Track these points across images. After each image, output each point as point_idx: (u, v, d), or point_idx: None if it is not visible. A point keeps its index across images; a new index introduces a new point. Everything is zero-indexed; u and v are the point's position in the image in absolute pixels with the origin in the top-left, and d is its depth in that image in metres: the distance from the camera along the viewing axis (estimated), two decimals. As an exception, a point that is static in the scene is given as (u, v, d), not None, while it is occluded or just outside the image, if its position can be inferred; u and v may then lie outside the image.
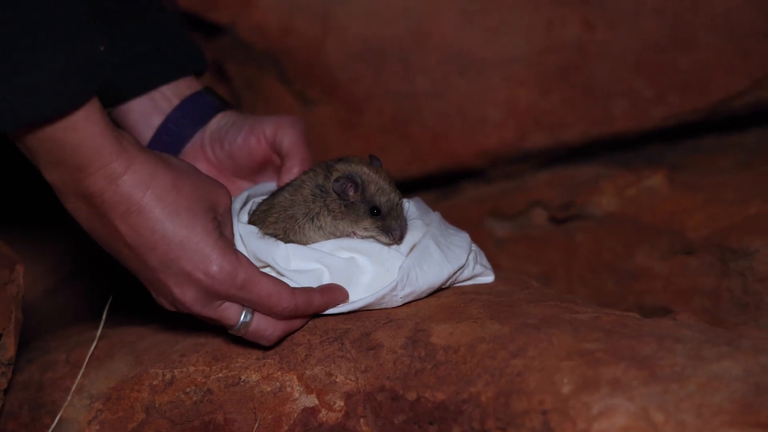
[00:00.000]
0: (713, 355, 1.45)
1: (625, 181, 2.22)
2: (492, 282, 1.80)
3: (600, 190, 2.23)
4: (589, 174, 2.35)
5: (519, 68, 2.31)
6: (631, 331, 1.54)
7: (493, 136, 2.37)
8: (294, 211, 1.71)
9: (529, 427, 1.41)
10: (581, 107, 2.33)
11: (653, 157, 2.40)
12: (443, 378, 1.51)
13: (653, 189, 2.19)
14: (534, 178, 2.43)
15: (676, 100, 2.29)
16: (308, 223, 1.71)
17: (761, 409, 1.34)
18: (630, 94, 2.30)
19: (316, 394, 1.56)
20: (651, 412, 1.36)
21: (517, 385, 1.45)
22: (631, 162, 2.38)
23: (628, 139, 2.39)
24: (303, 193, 1.72)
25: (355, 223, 1.71)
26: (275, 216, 1.72)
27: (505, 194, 2.40)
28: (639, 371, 1.42)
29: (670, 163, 2.35)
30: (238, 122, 1.83)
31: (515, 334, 1.55)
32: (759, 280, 1.93)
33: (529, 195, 2.35)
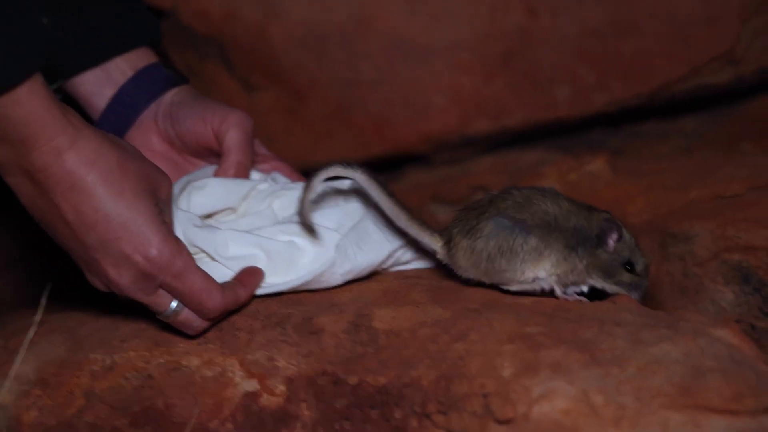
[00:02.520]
0: (653, 338, 1.46)
1: (567, 167, 2.23)
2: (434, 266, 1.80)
3: (542, 175, 2.24)
4: (532, 159, 2.36)
5: (462, 55, 2.31)
6: (572, 315, 1.55)
7: (437, 122, 2.37)
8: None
9: (470, 410, 1.41)
10: (524, 93, 2.34)
11: (595, 142, 2.42)
12: (385, 362, 1.52)
13: (595, 174, 2.21)
14: (477, 163, 2.44)
15: (618, 87, 2.31)
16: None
17: (699, 392, 1.36)
18: (573, 81, 2.31)
19: (258, 379, 1.56)
20: (591, 395, 1.37)
21: (459, 368, 1.46)
22: (574, 147, 2.39)
23: (571, 125, 2.41)
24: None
25: (604, 272, 1.63)
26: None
27: (448, 179, 2.40)
28: (579, 355, 1.43)
29: (611, 148, 2.36)
30: (190, 103, 1.81)
31: (457, 318, 1.56)
32: (698, 264, 1.95)
33: (472, 180, 2.36)
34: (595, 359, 1.42)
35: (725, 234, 1.92)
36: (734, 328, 1.50)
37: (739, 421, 1.33)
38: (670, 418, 1.34)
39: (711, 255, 1.94)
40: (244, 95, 2.45)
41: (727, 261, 1.92)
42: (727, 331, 1.49)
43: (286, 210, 1.75)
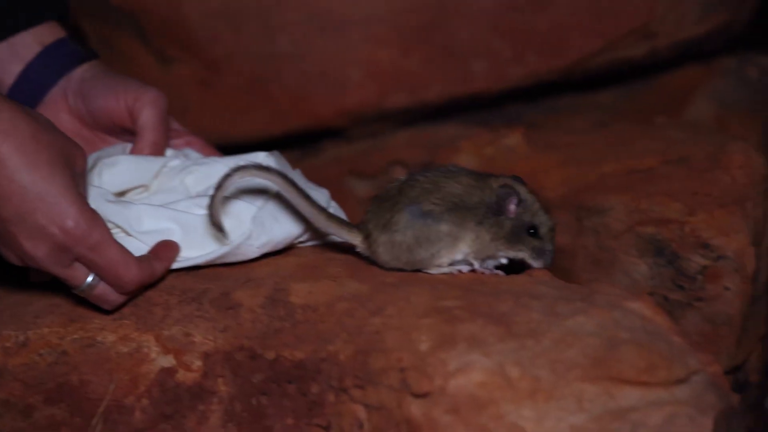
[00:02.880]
0: (568, 311, 1.47)
1: (483, 140, 2.24)
2: (350, 240, 1.80)
3: (459, 149, 2.24)
4: (449, 133, 2.37)
5: (379, 28, 2.31)
6: (489, 289, 1.56)
7: (354, 96, 2.37)
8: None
9: (387, 384, 1.42)
10: (441, 67, 2.34)
11: (511, 116, 2.43)
12: (302, 337, 1.51)
13: (511, 148, 2.21)
14: (394, 137, 2.44)
15: (533, 60, 2.32)
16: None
17: (613, 363, 1.37)
18: (489, 54, 2.32)
19: (174, 355, 1.55)
20: (507, 367, 1.38)
21: (376, 343, 1.46)
22: (490, 121, 2.40)
23: (488, 99, 2.41)
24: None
25: (507, 241, 1.61)
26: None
27: (365, 153, 2.40)
28: (496, 328, 1.44)
29: (528, 122, 2.37)
30: (102, 80, 1.79)
31: (374, 292, 1.56)
32: (613, 237, 1.97)
33: (390, 154, 2.36)
34: (510, 332, 1.43)
35: (639, 207, 1.94)
36: (648, 300, 1.52)
37: (651, 392, 1.35)
38: (585, 389, 1.35)
39: (625, 228, 1.96)
40: (160, 68, 2.43)
41: (641, 234, 1.94)
42: (641, 303, 1.51)
43: (200, 185, 1.74)
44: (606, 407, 1.34)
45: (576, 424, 1.32)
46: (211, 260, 1.66)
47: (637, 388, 1.35)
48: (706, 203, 1.92)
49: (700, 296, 1.91)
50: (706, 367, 1.43)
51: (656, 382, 1.36)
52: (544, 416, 1.33)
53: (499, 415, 1.34)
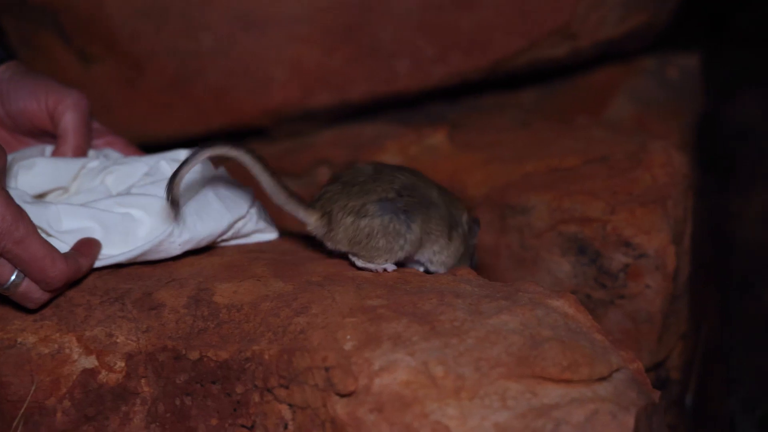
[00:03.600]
0: (491, 309, 1.48)
1: (407, 140, 2.25)
2: (276, 240, 1.80)
3: (384, 149, 2.25)
4: (374, 132, 2.37)
5: (303, 27, 2.30)
6: (413, 287, 1.56)
7: (278, 95, 2.36)
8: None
9: (311, 383, 1.41)
10: (365, 66, 2.34)
11: (435, 115, 2.43)
12: (226, 337, 1.51)
13: (435, 147, 2.22)
14: (319, 136, 2.44)
15: (457, 59, 2.32)
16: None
17: (536, 361, 1.38)
18: (413, 53, 2.32)
19: (96, 356, 1.53)
20: (431, 366, 1.38)
21: (300, 342, 1.45)
22: (414, 120, 2.40)
23: (412, 98, 2.42)
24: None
25: (462, 257, 1.71)
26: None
27: (290, 153, 2.40)
28: (420, 326, 1.44)
29: (451, 121, 2.38)
30: (21, 81, 1.76)
31: (299, 291, 1.56)
32: (536, 235, 1.98)
33: (314, 154, 2.35)
34: (435, 331, 1.43)
35: (561, 206, 1.96)
36: (570, 298, 1.53)
37: (574, 389, 1.36)
38: (508, 387, 1.36)
39: (548, 227, 1.97)
40: (81, 67, 2.40)
41: (564, 232, 1.95)
42: (564, 301, 1.52)
43: (121, 184, 1.73)
44: (529, 405, 1.35)
45: (500, 422, 1.33)
46: (133, 258, 1.64)
47: (560, 386, 1.36)
48: (627, 202, 1.93)
49: (622, 294, 1.93)
50: (628, 364, 1.44)
51: (579, 380, 1.37)
52: (468, 414, 1.33)
53: (424, 413, 1.34)
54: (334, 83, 2.35)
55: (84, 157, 1.77)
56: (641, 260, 1.91)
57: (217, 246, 1.76)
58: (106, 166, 1.75)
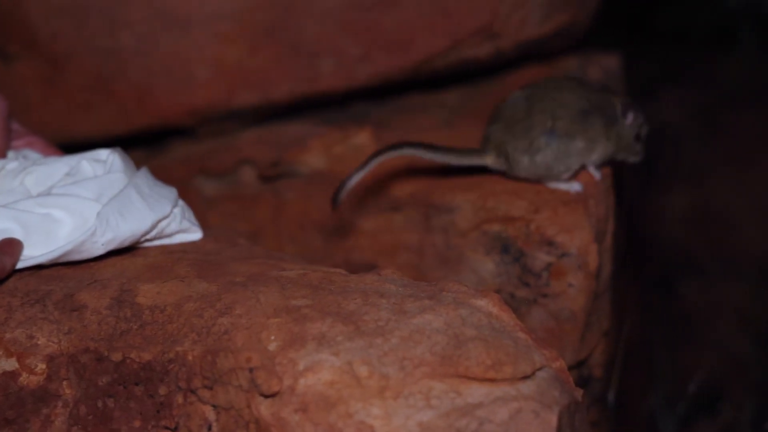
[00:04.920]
0: (416, 308, 1.48)
1: (332, 139, 2.25)
2: (200, 240, 1.79)
3: (308, 148, 2.24)
4: (298, 132, 2.36)
5: (226, 25, 2.29)
6: (338, 287, 1.56)
7: (201, 94, 2.35)
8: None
9: (236, 384, 1.41)
10: (289, 66, 2.33)
11: (360, 115, 2.43)
12: (149, 338, 1.50)
13: (360, 147, 2.22)
14: (243, 136, 2.43)
15: (381, 59, 2.33)
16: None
17: (460, 360, 1.39)
18: (336, 53, 2.32)
19: (17, 358, 1.51)
20: (355, 366, 1.38)
21: (224, 343, 1.45)
22: (339, 120, 2.40)
23: (336, 98, 2.42)
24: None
25: (627, 146, 1.99)
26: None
27: (213, 153, 2.38)
28: (344, 326, 1.44)
29: (376, 121, 2.38)
30: None
31: (223, 292, 1.55)
32: (460, 235, 1.99)
33: (238, 153, 2.34)
34: (359, 330, 1.44)
35: (485, 205, 1.97)
36: (494, 297, 1.54)
37: (497, 388, 1.37)
38: (433, 387, 1.36)
39: (472, 226, 1.98)
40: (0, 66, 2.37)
41: (487, 232, 1.96)
42: (487, 300, 1.53)
43: (41, 185, 1.71)
44: (453, 404, 1.35)
45: (424, 421, 1.33)
46: (55, 258, 1.63)
47: (484, 385, 1.37)
48: (550, 201, 1.95)
49: (545, 293, 1.95)
50: (551, 362, 1.45)
51: (502, 379, 1.38)
52: (393, 414, 1.34)
53: (348, 413, 1.34)
54: (258, 82, 2.34)
55: (2, 158, 1.75)
56: (564, 259, 1.93)
57: (141, 246, 1.74)
58: (26, 167, 1.73)
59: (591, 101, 1.96)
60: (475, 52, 2.36)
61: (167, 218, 1.73)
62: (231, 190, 2.32)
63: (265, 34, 2.30)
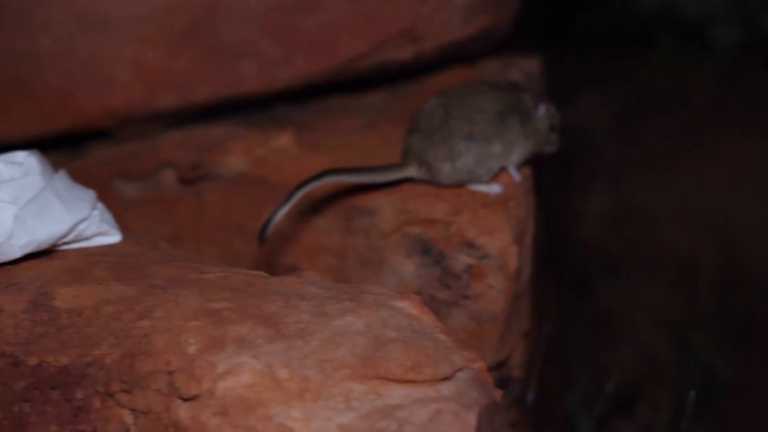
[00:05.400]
0: (337, 310, 1.49)
1: (253, 142, 2.24)
2: (119, 243, 1.78)
3: (229, 151, 2.23)
4: (220, 134, 2.35)
5: (146, 27, 2.28)
6: (258, 290, 1.56)
7: (121, 96, 2.33)
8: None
9: (154, 388, 1.40)
10: (210, 68, 2.32)
11: (283, 117, 2.43)
12: (67, 342, 1.49)
13: (281, 149, 2.22)
14: (164, 138, 2.41)
15: (303, 62, 2.32)
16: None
17: (380, 362, 1.39)
18: (258, 55, 2.31)
19: (-69, 363, 1.50)
20: (276, 368, 1.38)
21: (143, 346, 1.44)
22: (261, 122, 2.39)
23: (258, 100, 2.41)
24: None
25: (542, 139, 2.04)
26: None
27: (134, 155, 2.36)
28: (265, 329, 1.44)
29: (298, 123, 2.37)
30: None
31: (142, 295, 1.54)
32: (382, 237, 1.99)
33: (159, 156, 2.33)
34: (280, 333, 1.44)
35: (406, 207, 1.98)
36: (415, 299, 1.55)
37: (418, 390, 1.37)
38: (353, 389, 1.37)
39: (393, 228, 1.99)
40: None
41: (408, 234, 1.97)
42: (408, 302, 1.53)
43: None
44: (374, 405, 1.36)
45: (344, 423, 1.33)
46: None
47: (404, 386, 1.38)
48: (470, 203, 1.96)
49: (466, 294, 1.96)
50: (471, 363, 1.46)
51: (422, 380, 1.38)
52: (313, 416, 1.34)
53: (268, 416, 1.34)
54: (179, 84, 2.32)
55: None
56: (484, 261, 1.94)
57: (59, 249, 1.73)
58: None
59: (505, 102, 1.99)
60: (396, 55, 2.37)
61: (86, 221, 1.72)
62: (151, 193, 2.30)
63: (185, 36, 2.29)
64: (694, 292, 3.18)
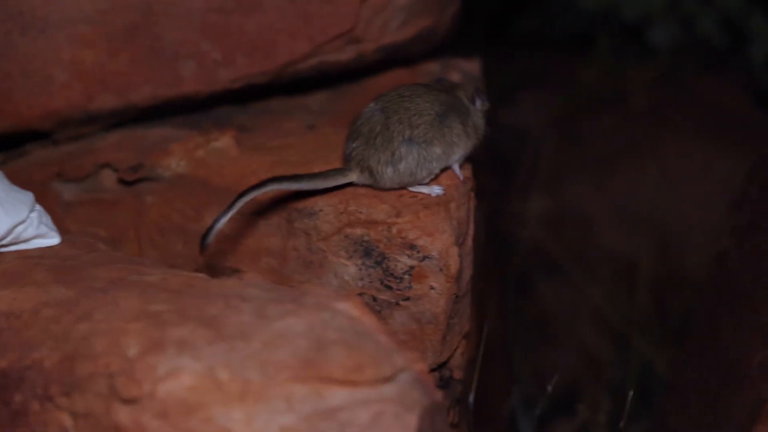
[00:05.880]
0: (278, 312, 1.49)
1: (194, 143, 2.23)
2: (58, 245, 1.77)
3: (169, 152, 2.22)
4: (159, 136, 2.34)
5: (85, 28, 2.26)
6: (199, 292, 1.56)
7: (60, 98, 2.31)
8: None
9: (94, 390, 1.40)
10: (149, 69, 2.31)
11: (222, 119, 2.42)
12: (5, 345, 1.47)
13: (222, 151, 2.21)
14: (103, 139, 2.39)
15: (243, 63, 2.32)
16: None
17: (322, 364, 1.39)
18: (198, 56, 2.31)
19: None
20: (217, 370, 1.38)
21: (83, 349, 1.43)
22: (201, 124, 2.38)
23: (198, 101, 2.40)
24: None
25: (481, 134, 2.08)
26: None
27: (72, 157, 2.35)
28: (206, 331, 1.44)
29: (239, 125, 2.37)
30: None
31: (81, 297, 1.53)
32: (323, 238, 1.99)
33: (98, 157, 2.31)
34: (221, 335, 1.43)
35: (347, 209, 1.98)
36: (356, 300, 1.55)
37: (359, 391, 1.38)
38: (294, 390, 1.37)
39: (334, 230, 1.99)
40: None
41: (350, 235, 1.97)
42: (349, 304, 1.54)
43: None
44: (315, 407, 1.36)
45: (285, 425, 1.33)
46: None
47: (346, 388, 1.38)
48: (411, 205, 1.97)
49: (407, 296, 1.96)
50: (412, 365, 1.47)
51: (364, 381, 1.39)
52: (254, 418, 1.34)
53: (209, 418, 1.34)
54: (118, 86, 2.31)
55: None
56: (425, 262, 1.95)
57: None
58: None
59: (443, 102, 2.01)
60: (337, 57, 2.37)
61: (24, 223, 1.71)
62: (90, 195, 2.28)
63: (124, 37, 2.28)
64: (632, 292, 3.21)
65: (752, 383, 2.19)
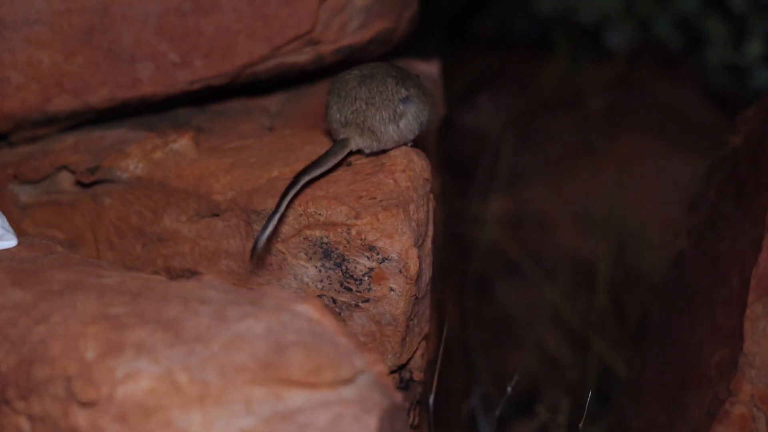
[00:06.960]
0: (237, 314, 1.48)
1: (152, 145, 2.22)
2: (15, 248, 1.76)
3: (127, 154, 2.21)
4: (117, 137, 2.33)
5: (40, 29, 2.25)
6: (157, 294, 1.55)
7: (15, 99, 2.29)
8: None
9: (52, 394, 1.39)
10: (107, 70, 2.30)
11: (181, 120, 2.41)
12: (-39, 349, 1.46)
13: (180, 152, 2.20)
14: (60, 141, 2.38)
15: (200, 65, 2.31)
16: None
17: (281, 366, 1.39)
18: (155, 58, 2.30)
19: None
20: (175, 373, 1.37)
21: (40, 352, 1.42)
22: (159, 125, 2.38)
23: (156, 103, 2.39)
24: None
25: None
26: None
27: (29, 158, 2.33)
28: (164, 333, 1.43)
29: (197, 127, 2.36)
30: None
31: (38, 300, 1.52)
32: (282, 240, 1.99)
33: (55, 159, 2.30)
34: (179, 338, 1.43)
35: (307, 211, 1.97)
36: (316, 302, 1.55)
37: (318, 393, 1.38)
38: (254, 393, 1.37)
39: (294, 231, 1.98)
40: None
41: (309, 237, 1.97)
42: (309, 305, 1.53)
43: None
44: (274, 409, 1.35)
45: (245, 428, 1.33)
46: None
47: (305, 390, 1.38)
48: (370, 206, 1.97)
49: (366, 297, 1.96)
50: (372, 366, 1.47)
51: (323, 383, 1.39)
52: (213, 420, 1.34)
53: (168, 421, 1.33)
54: (75, 87, 2.30)
55: None
56: (385, 264, 1.95)
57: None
58: None
59: (402, 73, 2.10)
60: (295, 59, 2.37)
61: (-19, 226, 1.70)
62: (47, 197, 2.27)
63: (80, 38, 2.26)
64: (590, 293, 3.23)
65: (709, 383, 2.21)
